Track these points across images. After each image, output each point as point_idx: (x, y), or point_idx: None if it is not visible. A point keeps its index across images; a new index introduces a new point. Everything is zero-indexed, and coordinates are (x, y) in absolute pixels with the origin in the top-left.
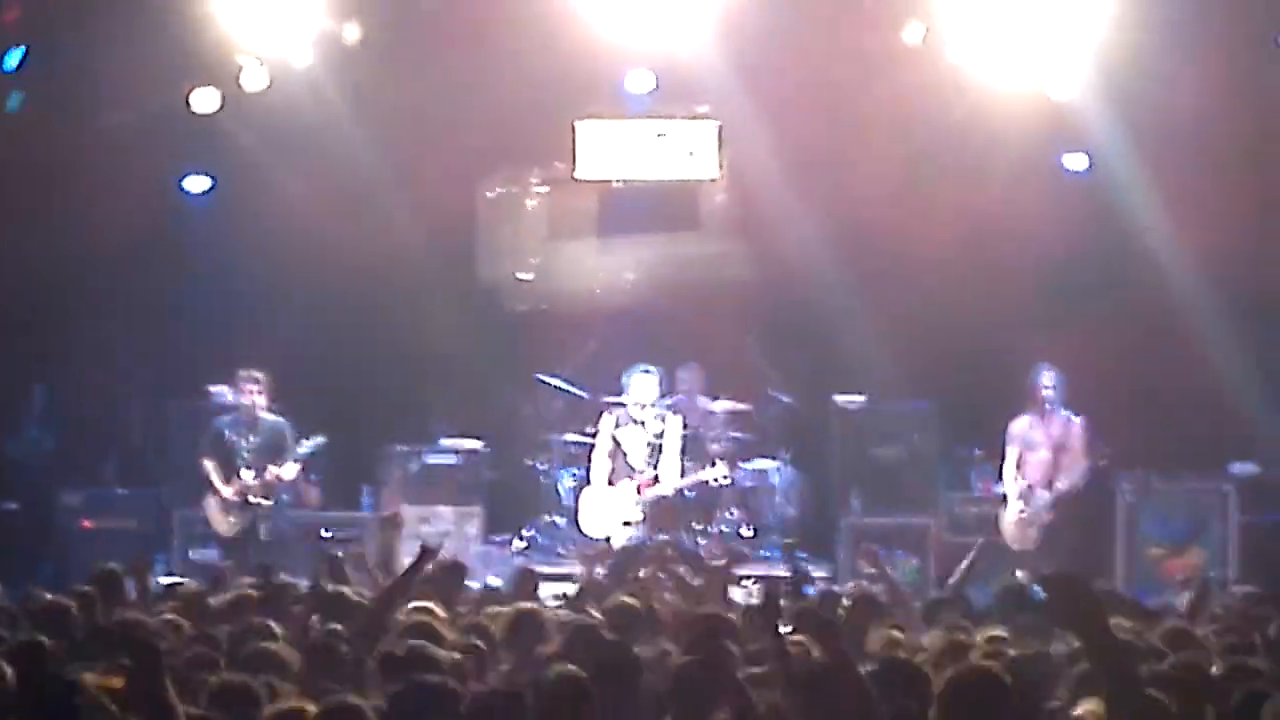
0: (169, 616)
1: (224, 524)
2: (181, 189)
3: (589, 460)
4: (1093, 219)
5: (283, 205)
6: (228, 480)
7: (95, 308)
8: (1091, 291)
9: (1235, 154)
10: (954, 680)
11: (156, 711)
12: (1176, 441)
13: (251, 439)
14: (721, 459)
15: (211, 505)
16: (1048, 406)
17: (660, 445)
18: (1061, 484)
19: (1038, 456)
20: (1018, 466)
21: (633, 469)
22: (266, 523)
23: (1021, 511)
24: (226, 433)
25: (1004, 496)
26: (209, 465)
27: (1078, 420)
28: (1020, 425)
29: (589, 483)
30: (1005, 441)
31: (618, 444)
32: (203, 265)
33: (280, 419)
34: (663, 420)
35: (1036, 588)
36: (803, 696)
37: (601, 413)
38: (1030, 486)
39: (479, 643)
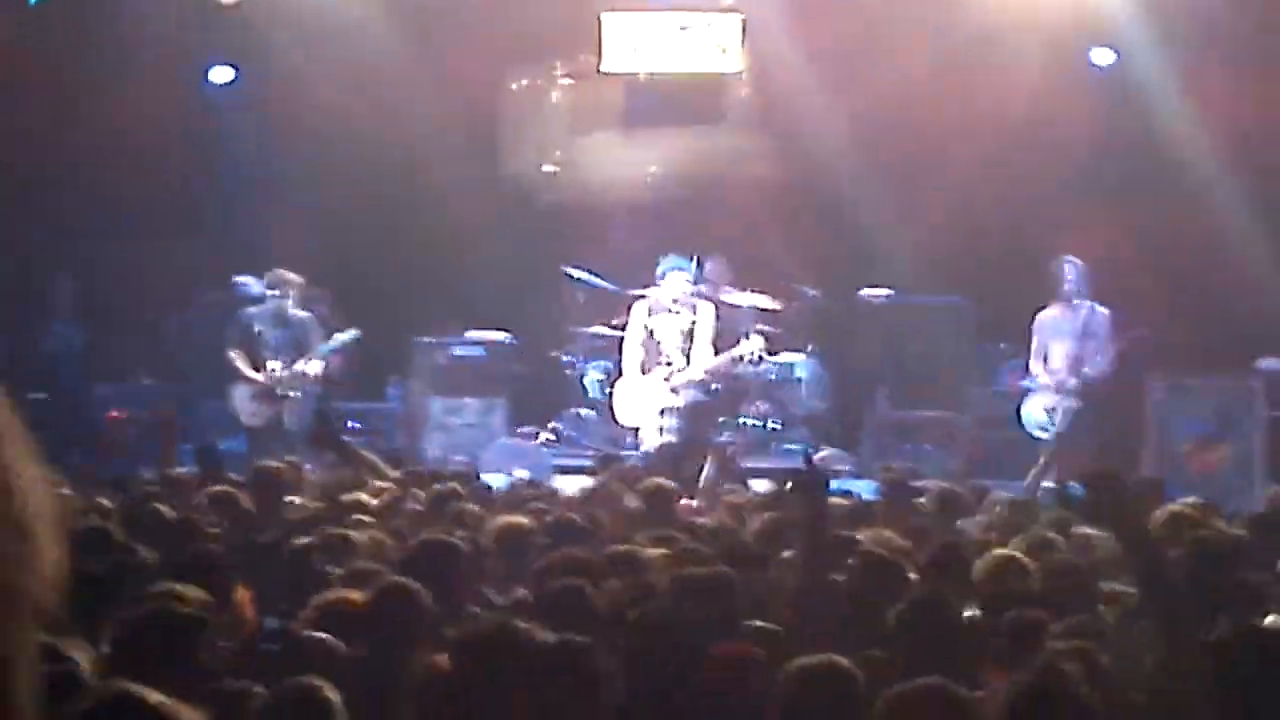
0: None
1: (250, 413)
2: (207, 80)
3: (620, 351)
4: (1120, 113)
5: (307, 97)
6: (258, 370)
7: (121, 199)
8: (1119, 186)
9: (1262, 45)
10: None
11: None
12: (1205, 337)
13: (279, 332)
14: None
15: (239, 394)
16: (1074, 299)
17: (692, 333)
18: (1090, 371)
19: (1064, 347)
20: (1045, 357)
21: (665, 356)
22: (293, 414)
23: (1048, 399)
24: (255, 325)
25: (1028, 386)
26: (235, 355)
27: (1104, 310)
28: (1047, 316)
29: (620, 373)
30: (1032, 332)
31: (650, 333)
32: (228, 156)
33: (308, 315)
34: (695, 308)
35: (1074, 484)
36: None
37: (631, 304)
38: (1054, 373)
39: None
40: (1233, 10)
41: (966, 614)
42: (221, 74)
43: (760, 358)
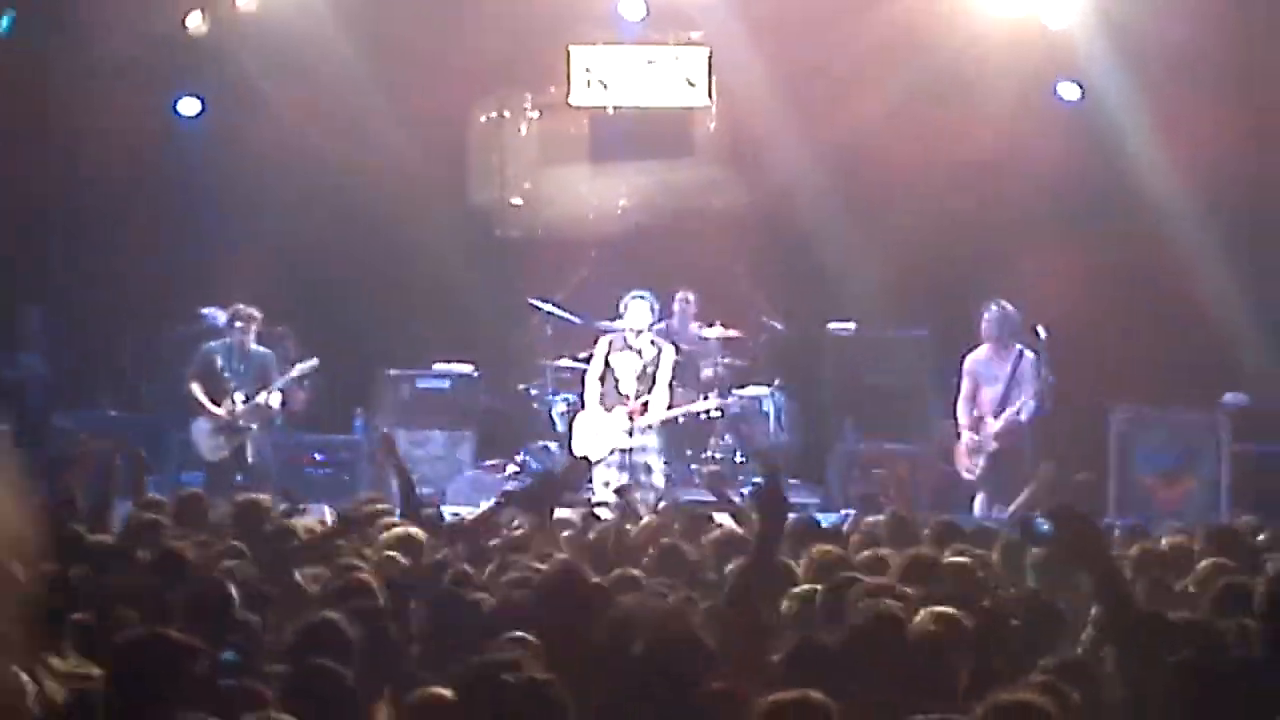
0: None
1: (210, 448)
2: (175, 111)
3: (582, 384)
4: (1086, 147)
5: (276, 129)
6: (217, 404)
7: (89, 231)
8: (1084, 220)
9: (1228, 82)
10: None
11: None
12: (1169, 372)
13: (241, 366)
14: (714, 387)
15: (199, 429)
16: (1002, 342)
17: (652, 373)
18: (1009, 414)
19: (992, 390)
20: (973, 398)
21: (623, 395)
22: (254, 447)
23: (970, 441)
24: (217, 359)
25: (957, 426)
26: (196, 388)
27: (1030, 354)
28: (974, 358)
29: (582, 407)
30: (960, 374)
31: (610, 368)
32: (195, 188)
33: (268, 351)
34: (656, 348)
35: (1042, 521)
36: None
37: (596, 338)
38: (980, 417)
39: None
40: (1200, 45)
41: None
42: (189, 105)
43: (719, 414)
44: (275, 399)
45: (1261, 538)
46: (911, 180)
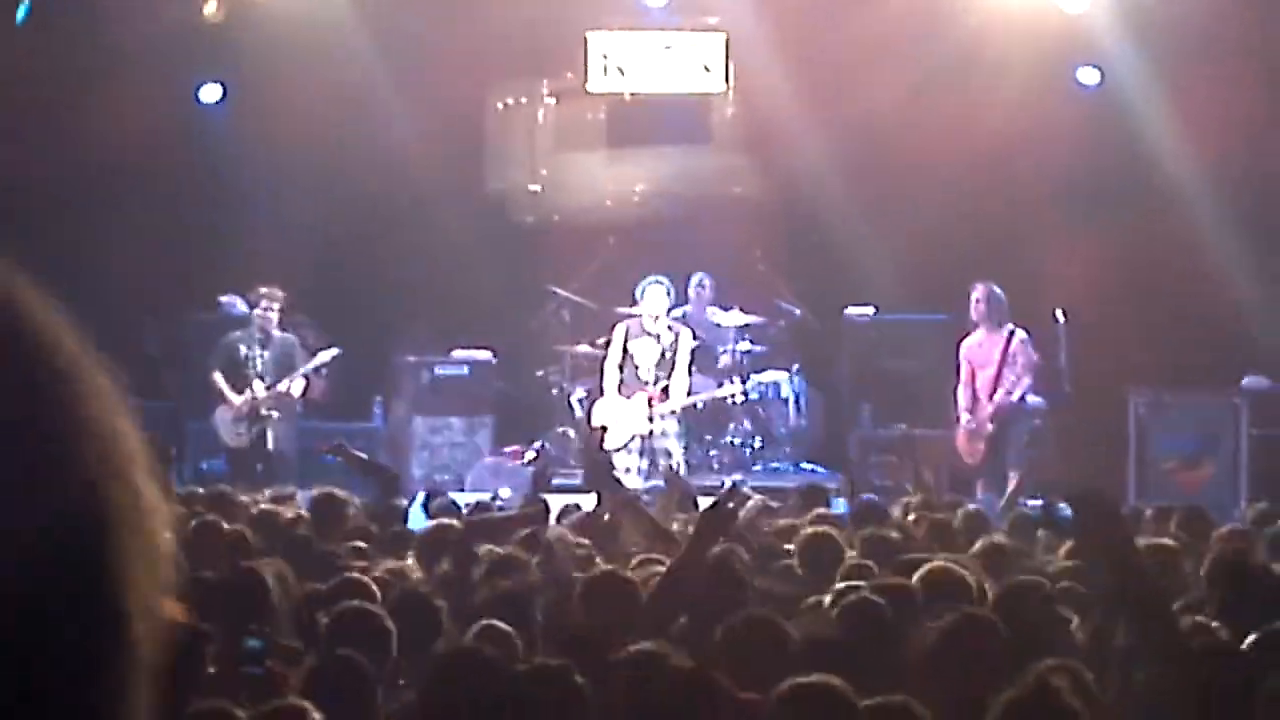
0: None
1: (232, 435)
2: (197, 99)
3: (600, 371)
4: (1105, 132)
5: (295, 116)
6: (240, 392)
7: (108, 219)
8: (1104, 205)
9: (1247, 67)
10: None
11: None
12: (1188, 355)
13: (264, 353)
14: (733, 373)
15: (221, 416)
16: (991, 324)
17: (671, 358)
18: (999, 396)
19: (986, 372)
20: (971, 383)
21: (642, 381)
22: (275, 434)
23: (968, 425)
24: (240, 346)
25: (958, 412)
26: (219, 377)
27: (1021, 334)
28: (969, 342)
29: (601, 393)
30: (959, 357)
31: (629, 355)
32: (216, 176)
33: (291, 336)
34: (674, 333)
35: (1063, 505)
36: None
37: (614, 324)
38: (976, 399)
39: None
40: (1220, 30)
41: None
42: (209, 92)
43: (741, 400)
44: (297, 387)
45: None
46: (929, 165)
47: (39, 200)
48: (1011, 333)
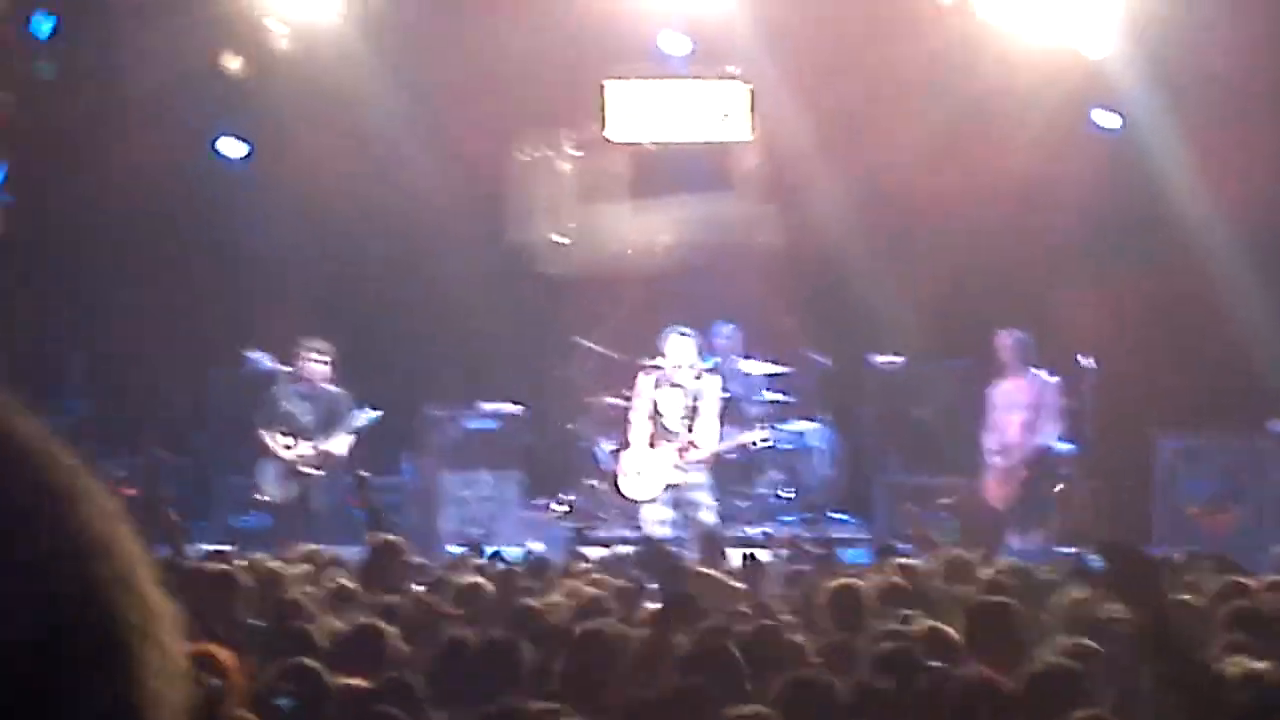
0: None
1: (276, 491)
2: (218, 153)
3: (627, 422)
4: (1127, 176)
5: (317, 169)
6: (286, 446)
7: (132, 275)
8: (1126, 249)
9: (1268, 111)
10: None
11: None
12: (1214, 399)
13: (310, 409)
14: (760, 422)
15: (265, 471)
16: (1020, 371)
17: (697, 408)
18: (1038, 441)
19: (1018, 417)
20: (1000, 427)
21: (670, 431)
22: (318, 492)
23: (999, 471)
24: (282, 401)
25: (988, 457)
26: (265, 432)
27: (1053, 380)
28: (999, 390)
29: (628, 445)
30: (988, 404)
31: (656, 405)
32: (239, 230)
33: (340, 390)
34: (700, 382)
35: (1093, 556)
36: None
37: (639, 375)
38: (1007, 446)
39: None
40: (1239, 73)
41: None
42: (230, 146)
43: (767, 447)
44: (340, 445)
45: None
46: (952, 211)
47: (62, 255)
48: (1040, 378)
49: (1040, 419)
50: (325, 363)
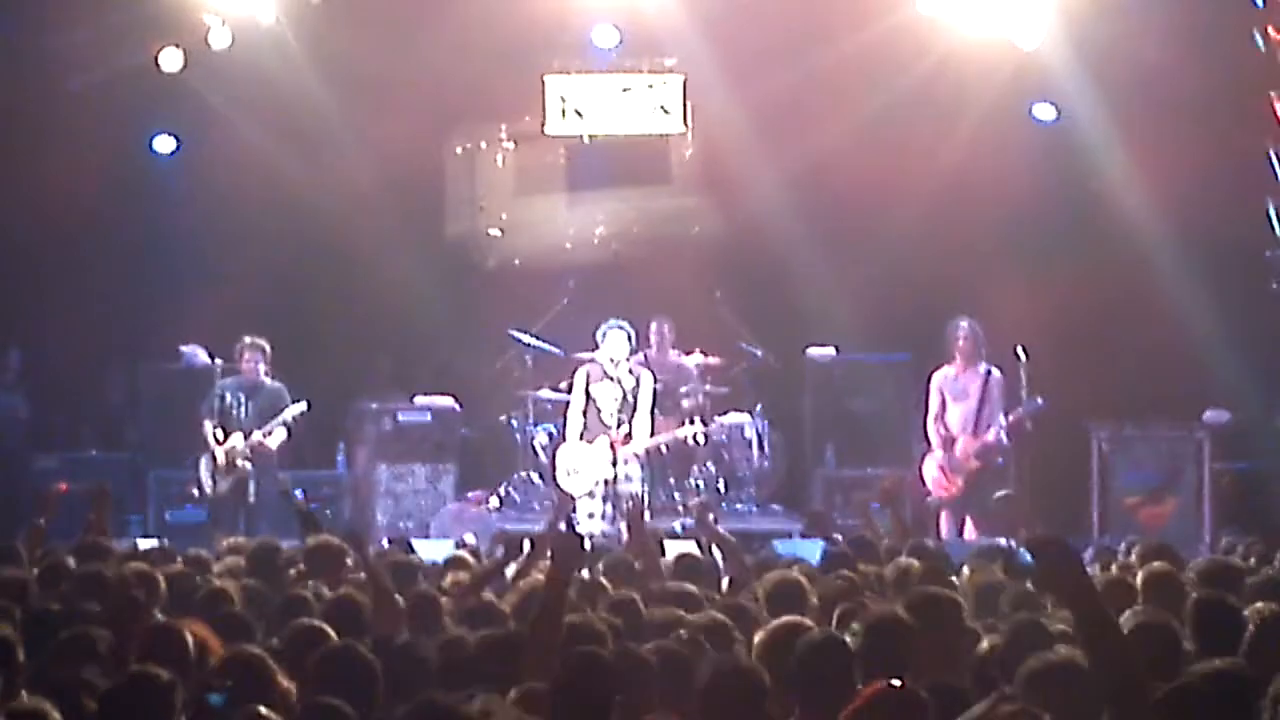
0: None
1: (213, 484)
2: (151, 149)
3: (564, 416)
4: (1062, 168)
5: (252, 164)
6: (220, 442)
7: (66, 270)
8: (1062, 241)
9: (1202, 102)
10: None
11: None
12: (1150, 390)
13: (250, 404)
14: (695, 415)
15: (205, 465)
16: (971, 360)
17: (633, 402)
18: (985, 434)
19: (963, 406)
20: (942, 417)
21: (605, 425)
22: (255, 485)
23: (944, 459)
24: (226, 395)
25: (927, 445)
26: (208, 425)
27: (997, 372)
28: (941, 376)
29: (564, 439)
30: (927, 392)
31: (591, 399)
32: (172, 225)
33: (279, 385)
34: (635, 376)
35: (1023, 551)
36: None
37: (575, 368)
38: (952, 436)
39: None
40: (1172, 66)
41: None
42: (164, 143)
43: (702, 441)
44: (275, 438)
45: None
46: (888, 204)
47: None
48: (989, 371)
49: (989, 411)
50: (262, 357)
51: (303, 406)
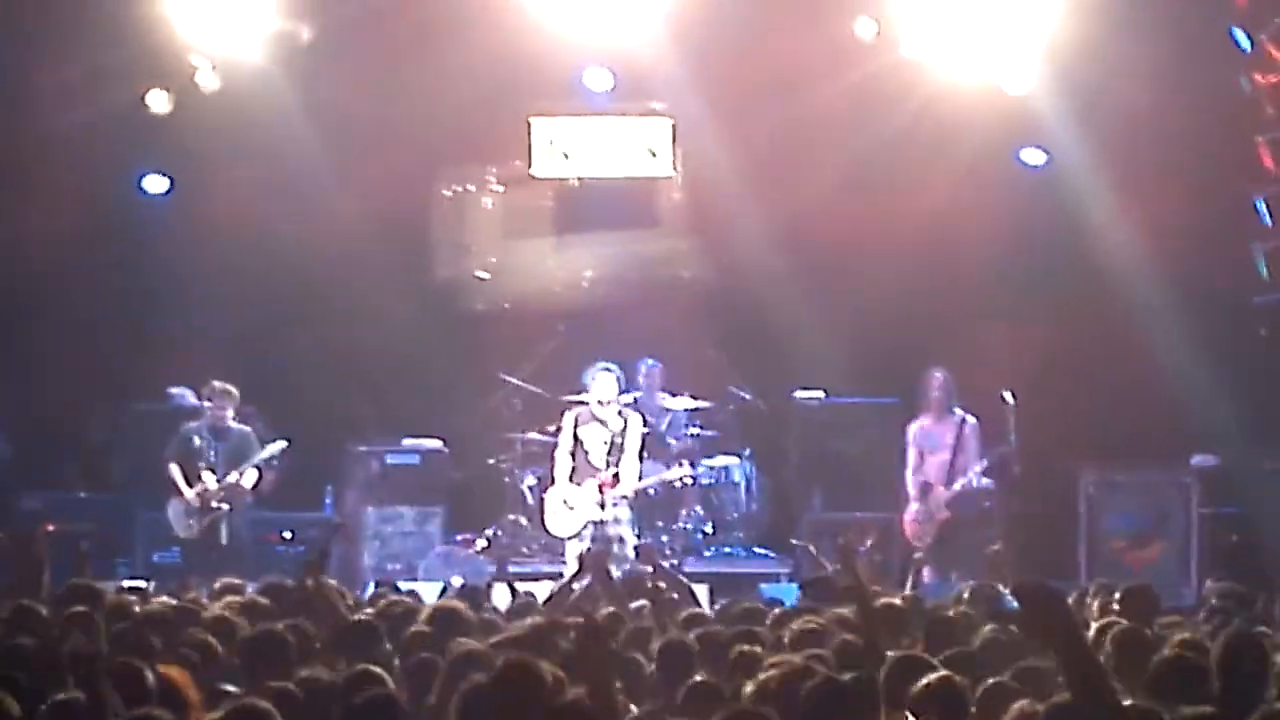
0: None
1: (185, 527)
2: (140, 189)
3: (552, 458)
4: (1050, 213)
5: (240, 206)
6: (191, 484)
7: (54, 310)
8: (1050, 285)
9: (1189, 147)
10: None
11: None
12: (1138, 434)
13: (218, 445)
14: (683, 458)
15: (175, 508)
16: (944, 410)
17: (621, 444)
18: (956, 484)
19: (938, 458)
20: (920, 468)
21: (594, 467)
22: (227, 526)
23: (918, 510)
24: (195, 438)
25: (906, 495)
26: (174, 469)
27: (972, 420)
28: (916, 428)
29: (552, 481)
30: (905, 443)
31: (579, 441)
32: (161, 266)
33: (247, 428)
34: (623, 418)
35: (1009, 596)
36: None
37: (564, 411)
38: (927, 485)
39: None
40: (1160, 110)
41: None
42: (154, 183)
43: (690, 483)
44: (248, 479)
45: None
46: (877, 247)
47: None
48: (963, 420)
49: (963, 459)
50: (230, 402)
51: (283, 444)
